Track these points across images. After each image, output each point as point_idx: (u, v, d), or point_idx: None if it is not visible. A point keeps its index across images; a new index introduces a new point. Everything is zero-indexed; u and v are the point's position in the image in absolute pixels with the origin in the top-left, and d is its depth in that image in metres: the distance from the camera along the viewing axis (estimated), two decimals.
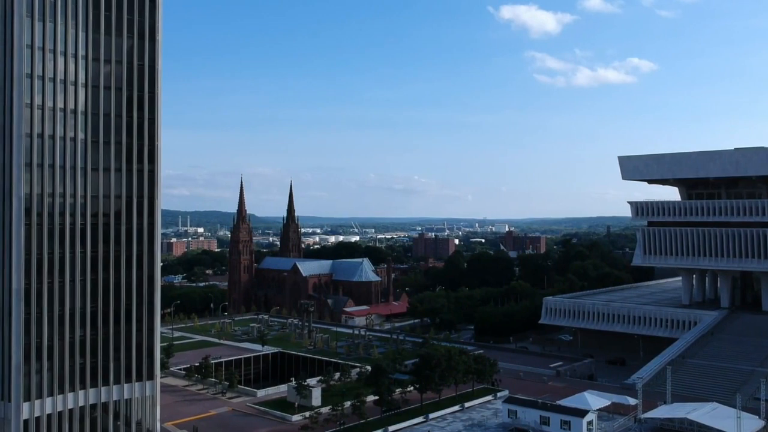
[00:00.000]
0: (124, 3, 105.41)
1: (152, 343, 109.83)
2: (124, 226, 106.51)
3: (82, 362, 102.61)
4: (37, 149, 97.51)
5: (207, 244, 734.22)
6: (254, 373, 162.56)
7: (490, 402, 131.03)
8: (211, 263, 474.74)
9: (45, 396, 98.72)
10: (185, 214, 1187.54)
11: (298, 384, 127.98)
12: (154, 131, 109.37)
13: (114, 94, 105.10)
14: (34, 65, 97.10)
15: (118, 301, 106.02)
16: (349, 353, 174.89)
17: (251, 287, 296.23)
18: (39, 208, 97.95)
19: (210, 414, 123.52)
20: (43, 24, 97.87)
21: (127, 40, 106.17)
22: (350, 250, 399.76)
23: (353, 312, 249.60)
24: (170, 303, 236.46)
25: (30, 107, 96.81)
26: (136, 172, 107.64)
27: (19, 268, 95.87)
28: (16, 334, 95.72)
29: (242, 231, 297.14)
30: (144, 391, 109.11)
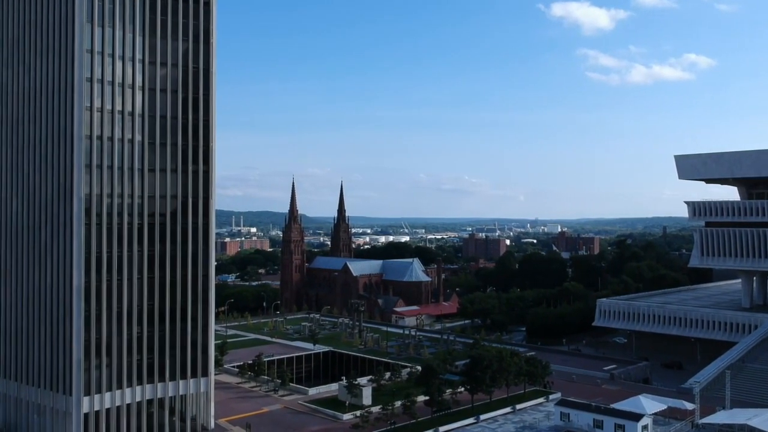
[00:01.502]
0: (180, 7, 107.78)
1: (206, 340, 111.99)
2: (179, 226, 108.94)
3: (139, 359, 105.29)
4: (96, 151, 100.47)
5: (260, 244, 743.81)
6: (305, 371, 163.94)
7: (542, 404, 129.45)
8: (263, 262, 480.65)
9: (104, 391, 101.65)
10: (238, 214, 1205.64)
11: (349, 383, 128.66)
12: (209, 133, 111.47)
13: (170, 97, 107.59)
14: (93, 69, 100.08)
15: (174, 299, 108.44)
16: (400, 353, 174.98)
17: (303, 286, 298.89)
18: (98, 208, 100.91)
19: (263, 411, 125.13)
20: (102, 29, 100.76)
21: (182, 44, 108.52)
22: (400, 250, 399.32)
23: (403, 312, 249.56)
24: (224, 301, 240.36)
25: (90, 110, 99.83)
26: (192, 173, 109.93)
27: (79, 266, 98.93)
28: (76, 331, 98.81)
29: (294, 231, 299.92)
30: (198, 388, 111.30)
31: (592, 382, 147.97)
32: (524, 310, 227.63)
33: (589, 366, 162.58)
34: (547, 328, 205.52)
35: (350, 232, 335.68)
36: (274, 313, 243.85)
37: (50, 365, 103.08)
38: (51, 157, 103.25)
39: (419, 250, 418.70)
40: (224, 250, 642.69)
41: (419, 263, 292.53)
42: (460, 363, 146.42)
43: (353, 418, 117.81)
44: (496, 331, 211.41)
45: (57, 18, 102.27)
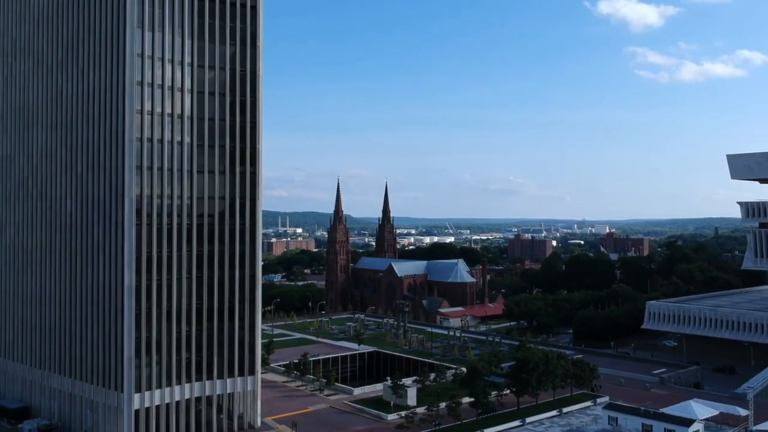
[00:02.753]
0: (227, 11, 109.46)
1: (253, 339, 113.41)
2: (227, 226, 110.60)
3: (188, 357, 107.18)
4: (146, 153, 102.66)
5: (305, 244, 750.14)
6: (350, 371, 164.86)
7: (589, 408, 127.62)
8: (309, 263, 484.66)
9: (154, 388, 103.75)
10: (284, 214, 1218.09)
11: (394, 383, 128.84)
12: (256, 135, 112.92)
13: (218, 100, 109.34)
14: (144, 73, 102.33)
15: (222, 298, 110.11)
16: (444, 354, 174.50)
17: (348, 287, 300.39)
18: (148, 209, 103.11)
19: (308, 410, 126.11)
20: (152, 33, 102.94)
21: (230, 47, 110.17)
22: (445, 250, 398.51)
23: (448, 313, 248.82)
24: (270, 301, 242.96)
25: (140, 113, 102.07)
26: (239, 174, 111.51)
27: (130, 265, 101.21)
28: (128, 329, 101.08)
29: (339, 231, 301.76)
30: (245, 386, 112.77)
31: (641, 386, 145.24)
32: (571, 312, 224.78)
33: (638, 369, 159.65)
34: (594, 331, 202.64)
35: (395, 233, 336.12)
36: (319, 312, 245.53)
37: (102, 362, 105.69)
38: (103, 159, 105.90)
39: (464, 250, 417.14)
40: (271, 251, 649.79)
41: (464, 264, 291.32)
42: (505, 365, 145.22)
43: (398, 419, 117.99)
44: (542, 333, 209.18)
45: (108, 23, 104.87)
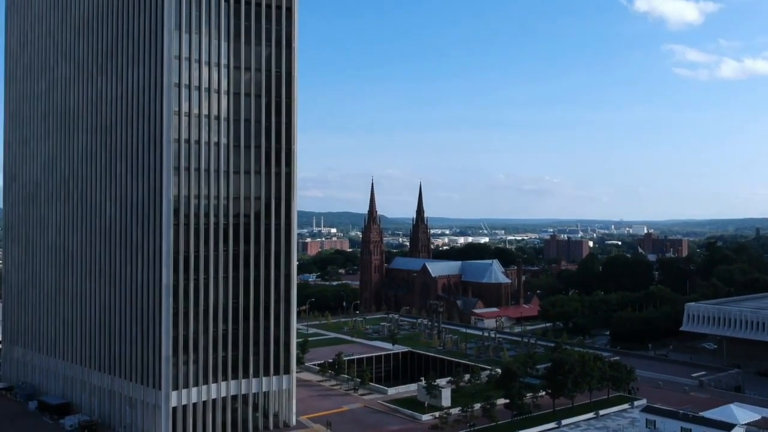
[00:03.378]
0: (263, 13, 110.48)
1: (289, 338, 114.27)
2: (263, 226, 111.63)
3: (224, 355, 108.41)
4: (184, 154, 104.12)
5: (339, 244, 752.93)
6: (385, 371, 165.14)
7: (626, 411, 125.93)
8: (343, 263, 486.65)
9: (191, 386, 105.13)
10: (319, 214, 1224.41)
11: (428, 384, 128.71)
12: (291, 135, 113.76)
13: (253, 101, 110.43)
14: (181, 75, 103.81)
15: (257, 297, 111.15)
16: (479, 355, 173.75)
17: (382, 287, 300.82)
18: (186, 209, 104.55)
19: (343, 409, 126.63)
20: (189, 36, 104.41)
21: (266, 49, 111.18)
22: (479, 251, 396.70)
23: (483, 314, 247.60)
24: (305, 300, 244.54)
25: (178, 114, 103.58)
26: (274, 175, 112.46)
27: (168, 264, 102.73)
28: (165, 327, 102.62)
29: (373, 232, 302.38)
30: (281, 385, 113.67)
31: (680, 389, 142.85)
32: (608, 313, 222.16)
33: (677, 372, 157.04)
34: (632, 333, 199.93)
35: (429, 233, 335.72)
36: (353, 312, 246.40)
37: (141, 360, 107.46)
38: (142, 161, 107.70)
39: (499, 251, 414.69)
40: (305, 250, 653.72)
41: (499, 265, 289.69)
42: (541, 366, 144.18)
43: (432, 419, 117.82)
44: (578, 334, 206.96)
45: (147, 26, 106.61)
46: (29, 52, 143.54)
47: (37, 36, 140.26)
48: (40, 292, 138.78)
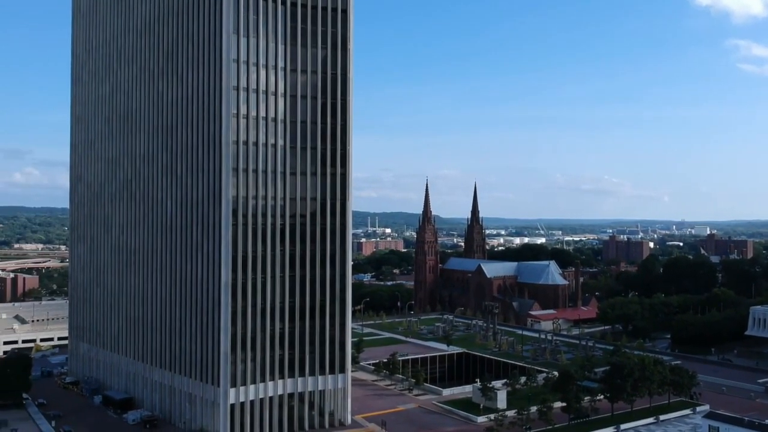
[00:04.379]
0: (319, 16, 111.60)
1: (344, 337, 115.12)
2: (318, 227, 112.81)
3: (281, 353, 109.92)
4: (242, 155, 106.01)
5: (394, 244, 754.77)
6: (439, 372, 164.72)
7: (688, 416, 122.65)
8: (397, 263, 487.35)
9: (248, 383, 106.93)
10: (373, 215, 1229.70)
11: (484, 385, 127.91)
12: (346, 137, 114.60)
13: (309, 103, 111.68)
14: (239, 78, 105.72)
15: (313, 296, 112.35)
16: (535, 357, 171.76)
17: (436, 287, 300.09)
18: (244, 210, 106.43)
19: (398, 409, 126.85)
20: (247, 39, 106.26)
21: (321, 51, 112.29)
22: (536, 252, 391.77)
23: (539, 315, 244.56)
24: (360, 300, 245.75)
25: (236, 117, 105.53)
26: (330, 176, 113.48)
27: (227, 264, 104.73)
28: (224, 325, 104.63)
29: (427, 232, 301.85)
30: (336, 384, 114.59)
31: (745, 395, 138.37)
32: (669, 316, 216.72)
33: (742, 378, 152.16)
34: (694, 337, 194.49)
35: (484, 234, 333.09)
36: (408, 312, 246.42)
37: (200, 357, 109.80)
38: (201, 162, 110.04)
39: (556, 252, 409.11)
40: (360, 250, 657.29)
41: (556, 266, 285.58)
42: (599, 370, 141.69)
43: (487, 421, 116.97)
44: (637, 337, 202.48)
45: (206, 30, 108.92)
46: (94, 56, 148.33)
47: (101, 41, 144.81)
48: (104, 290, 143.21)
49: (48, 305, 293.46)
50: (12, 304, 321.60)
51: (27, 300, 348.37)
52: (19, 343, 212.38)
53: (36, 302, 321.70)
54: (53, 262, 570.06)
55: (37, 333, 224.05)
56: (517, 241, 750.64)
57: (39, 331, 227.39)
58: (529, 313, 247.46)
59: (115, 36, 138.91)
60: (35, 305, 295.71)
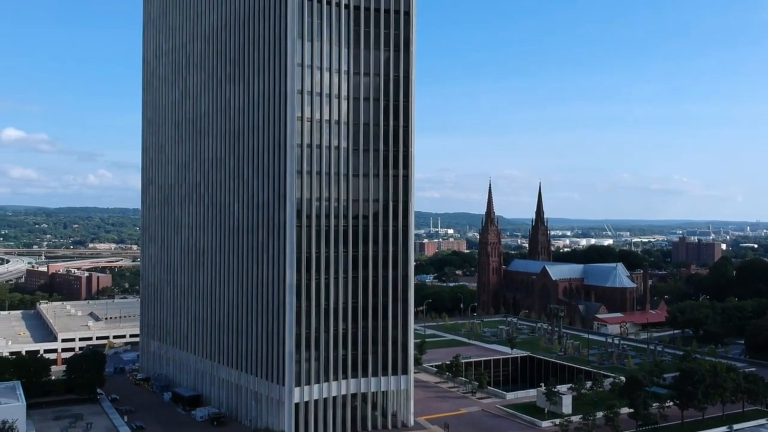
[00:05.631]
0: (381, 19, 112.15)
1: (406, 339, 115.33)
2: (381, 228, 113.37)
3: (344, 354, 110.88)
4: (306, 158, 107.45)
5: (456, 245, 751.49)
6: (503, 375, 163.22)
7: (763, 426, 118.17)
8: (460, 264, 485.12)
9: (312, 383, 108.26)
10: (436, 215, 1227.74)
11: (548, 390, 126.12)
12: (408, 138, 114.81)
13: (372, 105, 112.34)
14: (304, 81, 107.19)
15: (376, 297, 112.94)
16: (602, 362, 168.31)
17: (500, 289, 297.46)
18: (308, 211, 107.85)
19: (460, 412, 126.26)
20: (311, 44, 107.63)
21: (384, 53, 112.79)
22: (602, 253, 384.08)
23: (606, 319, 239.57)
24: (422, 301, 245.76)
25: (300, 120, 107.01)
26: (392, 177, 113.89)
27: (292, 264, 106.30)
28: (289, 325, 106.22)
29: (491, 233, 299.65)
30: (399, 385, 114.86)
31: None
32: (742, 321, 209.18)
33: None
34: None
35: (549, 235, 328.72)
36: (471, 314, 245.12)
37: (265, 356, 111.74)
38: (267, 165, 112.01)
39: (623, 254, 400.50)
40: (422, 251, 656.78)
41: (623, 268, 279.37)
42: (668, 376, 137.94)
43: (552, 426, 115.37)
44: (709, 343, 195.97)
45: (271, 36, 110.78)
46: (164, 62, 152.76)
47: (171, 47, 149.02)
48: (174, 289, 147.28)
49: (120, 303, 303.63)
50: (86, 301, 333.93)
51: (101, 298, 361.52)
52: (93, 339, 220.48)
53: (109, 300, 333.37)
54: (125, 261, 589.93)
55: (110, 330, 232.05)
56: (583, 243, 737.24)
57: (112, 328, 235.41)
58: (596, 317, 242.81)
59: (183, 42, 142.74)
60: (108, 303, 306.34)
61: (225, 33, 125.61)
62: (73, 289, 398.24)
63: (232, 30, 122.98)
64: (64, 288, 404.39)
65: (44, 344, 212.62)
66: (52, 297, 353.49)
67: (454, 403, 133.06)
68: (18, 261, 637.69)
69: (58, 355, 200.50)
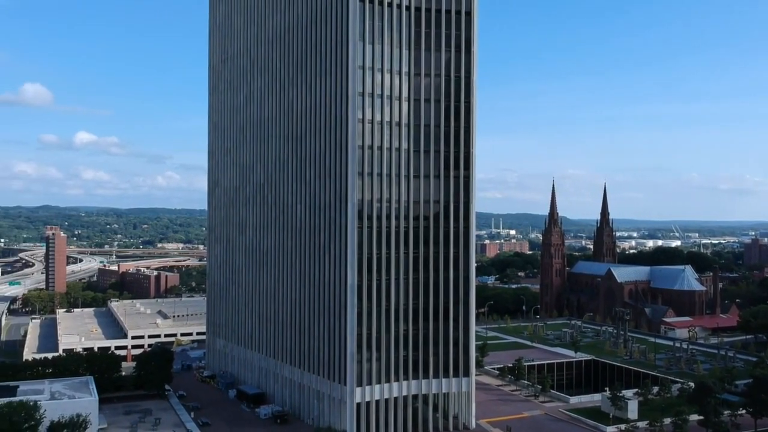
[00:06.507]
0: (443, 19, 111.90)
1: (468, 340, 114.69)
2: (441, 229, 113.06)
3: (405, 355, 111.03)
4: (367, 159, 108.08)
5: (519, 246, 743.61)
6: (566, 378, 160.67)
7: None
8: (522, 265, 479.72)
9: (374, 383, 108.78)
10: (497, 216, 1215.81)
11: (614, 394, 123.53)
12: (469, 139, 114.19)
13: (433, 106, 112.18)
14: (365, 83, 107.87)
15: (437, 299, 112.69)
16: (669, 367, 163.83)
17: (563, 291, 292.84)
18: (369, 212, 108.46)
19: (523, 416, 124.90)
20: (372, 46, 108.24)
21: (445, 54, 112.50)
22: (670, 255, 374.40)
23: (674, 323, 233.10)
24: (484, 303, 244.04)
25: (362, 122, 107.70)
26: (453, 178, 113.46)
27: (353, 265, 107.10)
28: (350, 325, 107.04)
29: (554, 234, 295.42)
30: (460, 387, 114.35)
31: None
32: None
33: None
34: None
35: (614, 236, 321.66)
36: (533, 317, 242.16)
37: (328, 356, 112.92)
38: (329, 167, 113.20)
39: (692, 256, 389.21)
40: (484, 252, 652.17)
41: (692, 271, 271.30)
42: (740, 382, 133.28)
43: (617, 431, 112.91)
44: None
45: (333, 39, 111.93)
46: (229, 67, 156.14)
47: (235, 52, 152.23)
48: (239, 289, 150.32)
49: (187, 302, 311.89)
50: (155, 300, 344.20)
51: (168, 296, 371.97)
52: (161, 337, 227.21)
53: (177, 299, 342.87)
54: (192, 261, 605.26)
55: (178, 328, 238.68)
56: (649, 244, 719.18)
57: (179, 326, 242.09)
58: (663, 320, 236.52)
59: (248, 47, 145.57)
60: (176, 301, 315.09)
61: (288, 37, 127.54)
62: (143, 288, 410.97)
63: (295, 34, 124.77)
64: (134, 286, 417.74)
65: (115, 341, 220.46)
66: (122, 295, 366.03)
67: (517, 406, 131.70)
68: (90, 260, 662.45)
69: (128, 352, 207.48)
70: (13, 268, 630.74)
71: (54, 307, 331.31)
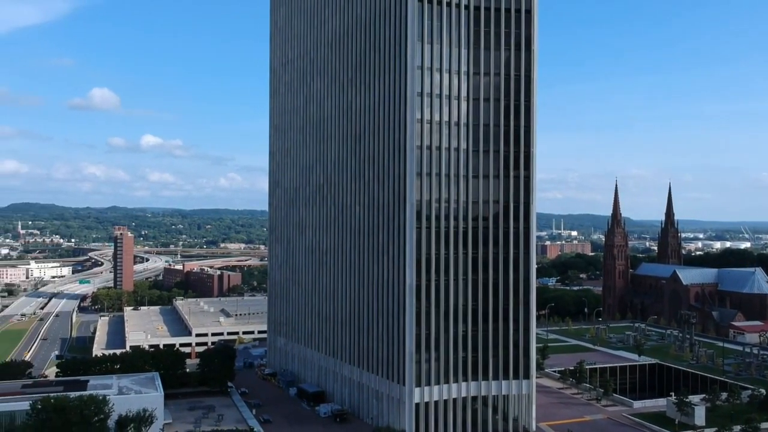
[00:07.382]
0: (502, 18, 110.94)
1: (528, 342, 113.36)
2: (501, 230, 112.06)
3: (464, 356, 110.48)
4: (426, 159, 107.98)
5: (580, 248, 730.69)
6: (629, 382, 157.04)
7: None
8: (584, 267, 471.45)
9: (432, 384, 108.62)
10: (558, 217, 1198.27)
11: (680, 399, 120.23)
12: (529, 139, 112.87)
13: (492, 105, 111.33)
14: (423, 83, 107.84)
15: (496, 300, 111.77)
16: (738, 372, 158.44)
17: (626, 293, 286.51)
18: (428, 213, 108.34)
19: (584, 419, 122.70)
20: (431, 46, 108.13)
21: (504, 53, 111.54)
22: (739, 257, 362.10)
23: (743, 327, 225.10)
24: (544, 305, 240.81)
25: (420, 122, 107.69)
26: (513, 178, 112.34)
27: (411, 266, 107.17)
28: (409, 325, 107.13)
29: (617, 235, 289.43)
30: (520, 389, 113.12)
31: None
32: None
33: None
34: None
35: (679, 237, 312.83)
36: (595, 319, 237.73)
37: (386, 356, 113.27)
38: (387, 167, 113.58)
39: (763, 258, 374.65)
40: (545, 253, 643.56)
41: (763, 273, 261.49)
42: None
43: None
44: None
45: (391, 39, 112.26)
46: (289, 70, 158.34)
47: (296, 55, 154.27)
48: (299, 288, 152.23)
49: (249, 301, 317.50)
50: (218, 298, 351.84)
51: (231, 295, 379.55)
52: (224, 335, 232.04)
53: (239, 297, 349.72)
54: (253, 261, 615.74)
55: (240, 326, 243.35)
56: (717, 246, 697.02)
57: (241, 324, 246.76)
58: (732, 324, 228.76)
59: (308, 50, 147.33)
60: (238, 300, 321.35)
61: (347, 38, 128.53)
62: (206, 287, 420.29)
63: (354, 35, 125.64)
64: (197, 285, 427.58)
65: (180, 338, 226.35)
66: (186, 294, 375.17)
67: (578, 409, 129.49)
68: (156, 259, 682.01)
69: (192, 349, 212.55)
70: (83, 267, 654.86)
71: (121, 305, 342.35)
